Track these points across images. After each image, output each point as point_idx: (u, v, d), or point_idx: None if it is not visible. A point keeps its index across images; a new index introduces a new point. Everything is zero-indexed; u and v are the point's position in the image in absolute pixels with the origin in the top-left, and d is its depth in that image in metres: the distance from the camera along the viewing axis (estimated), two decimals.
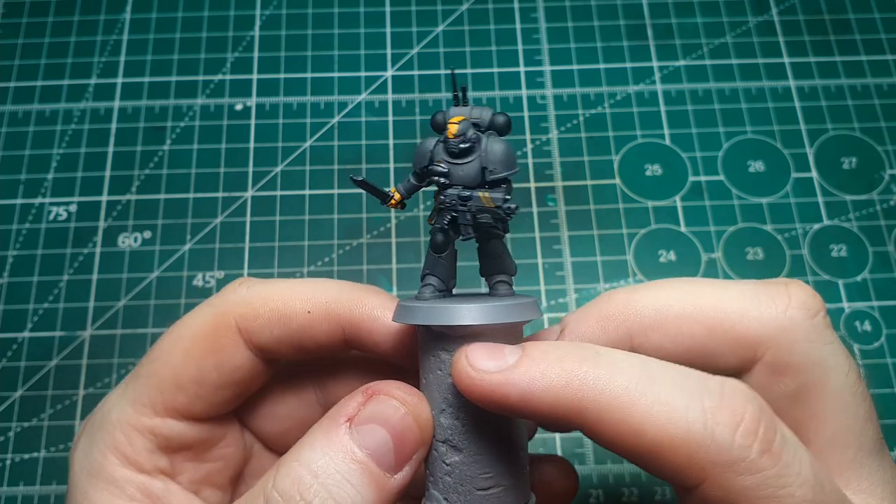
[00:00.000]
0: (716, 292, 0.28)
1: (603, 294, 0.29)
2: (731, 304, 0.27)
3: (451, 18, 0.64)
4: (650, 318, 0.28)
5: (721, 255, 0.56)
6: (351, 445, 0.26)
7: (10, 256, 0.56)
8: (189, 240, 0.56)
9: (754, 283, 0.28)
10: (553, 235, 0.57)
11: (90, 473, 0.29)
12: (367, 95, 0.61)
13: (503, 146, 0.28)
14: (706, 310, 0.27)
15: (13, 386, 0.52)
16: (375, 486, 0.25)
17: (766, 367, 0.27)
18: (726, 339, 0.27)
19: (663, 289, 0.28)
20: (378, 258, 0.56)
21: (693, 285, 0.28)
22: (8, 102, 0.61)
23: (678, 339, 0.27)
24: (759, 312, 0.27)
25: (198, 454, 0.31)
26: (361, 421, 0.26)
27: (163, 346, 0.30)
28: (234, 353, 0.30)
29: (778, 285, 0.28)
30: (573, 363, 0.24)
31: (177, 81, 0.62)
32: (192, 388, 0.30)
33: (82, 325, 0.54)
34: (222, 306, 0.30)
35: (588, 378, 0.24)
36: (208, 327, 0.30)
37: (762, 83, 0.62)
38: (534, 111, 0.61)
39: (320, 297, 0.30)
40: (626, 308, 0.28)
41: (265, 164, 0.59)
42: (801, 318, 0.27)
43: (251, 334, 0.30)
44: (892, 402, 0.52)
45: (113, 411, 0.30)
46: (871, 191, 0.58)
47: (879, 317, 0.54)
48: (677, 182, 0.58)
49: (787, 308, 0.27)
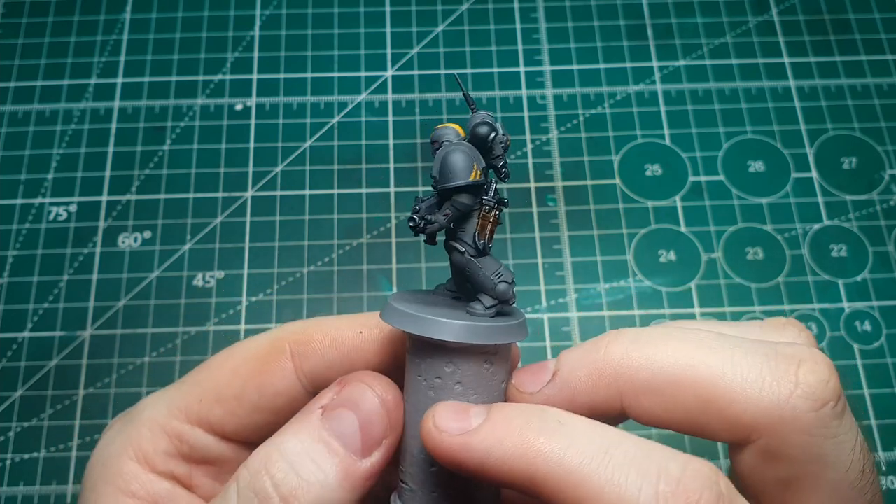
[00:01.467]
0: (717, 362, 0.25)
1: (605, 337, 0.27)
2: (731, 380, 0.25)
3: (451, 18, 0.64)
4: (643, 383, 0.26)
5: (721, 255, 0.56)
6: (320, 429, 0.26)
7: (10, 256, 0.56)
8: (189, 240, 0.56)
9: (764, 354, 0.25)
10: (553, 235, 0.57)
11: (105, 464, 0.30)
12: (367, 95, 0.61)
13: (447, 157, 0.26)
14: (703, 383, 0.25)
15: (13, 386, 0.52)
16: (341, 467, 0.26)
17: (759, 450, 0.25)
18: (720, 418, 0.25)
19: (664, 346, 0.26)
20: (378, 258, 0.56)
21: (696, 348, 0.26)
22: (8, 102, 0.61)
23: (671, 408, 0.25)
24: (758, 396, 0.24)
25: (218, 472, 0.31)
26: (332, 407, 0.27)
27: (214, 361, 0.31)
28: (280, 378, 0.30)
29: (790, 363, 0.25)
30: (532, 433, 0.24)
31: (177, 81, 0.62)
32: (230, 404, 0.30)
33: (82, 325, 0.54)
34: (279, 333, 0.31)
35: (544, 451, 0.23)
36: (261, 349, 0.31)
37: (762, 83, 0.62)
38: (534, 111, 0.61)
39: (372, 321, 0.30)
40: (621, 365, 0.26)
41: (265, 164, 0.59)
42: (804, 408, 0.24)
43: (303, 359, 0.30)
44: (892, 401, 0.52)
45: (147, 409, 0.31)
46: (871, 191, 0.58)
47: (879, 317, 0.54)
48: (677, 182, 0.58)
49: (791, 396, 0.24)
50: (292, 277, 0.55)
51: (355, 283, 0.55)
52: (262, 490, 0.25)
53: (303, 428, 0.27)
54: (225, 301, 0.54)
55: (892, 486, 0.50)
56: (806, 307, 0.54)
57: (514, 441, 0.24)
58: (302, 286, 0.55)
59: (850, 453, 0.25)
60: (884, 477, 0.50)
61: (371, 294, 0.55)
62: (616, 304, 0.54)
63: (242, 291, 0.55)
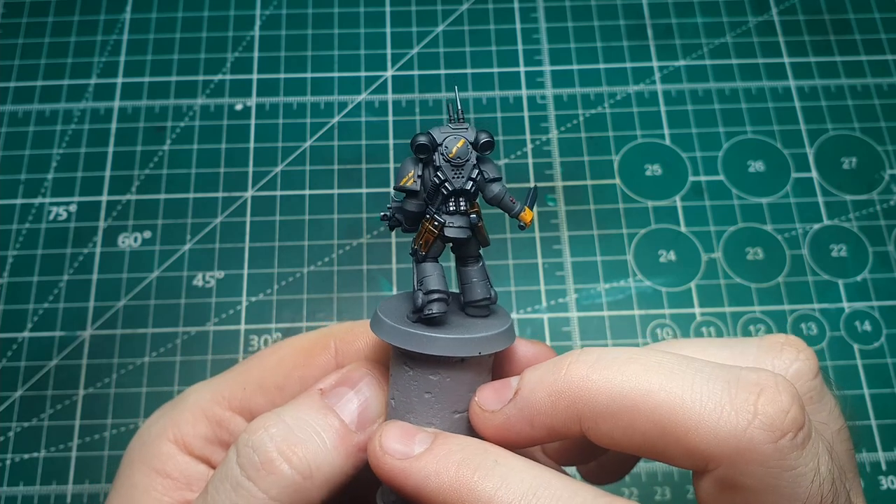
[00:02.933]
0: (676, 388, 0.24)
1: (568, 357, 0.27)
2: (689, 408, 0.24)
3: (451, 18, 0.64)
4: (602, 407, 0.25)
5: (721, 255, 0.56)
6: (319, 401, 0.28)
7: (10, 256, 0.56)
8: (189, 240, 0.56)
9: (726, 381, 0.25)
10: (553, 235, 0.57)
11: (144, 443, 0.31)
12: (367, 95, 0.61)
13: None
14: (661, 411, 0.24)
15: (13, 386, 0.52)
16: (338, 434, 0.27)
17: (717, 479, 0.24)
18: (677, 446, 0.24)
19: (624, 370, 0.25)
20: (378, 258, 0.56)
21: (656, 373, 0.25)
22: (8, 102, 0.61)
23: (628, 434, 0.25)
24: (716, 425, 0.24)
25: None
26: (331, 387, 0.29)
27: (263, 352, 0.32)
28: (322, 372, 0.31)
29: (750, 391, 0.24)
30: (467, 471, 0.24)
31: (177, 81, 0.62)
32: (272, 394, 0.31)
33: (82, 325, 0.54)
34: (327, 330, 0.32)
35: (476, 489, 0.24)
36: (308, 342, 0.32)
37: (762, 83, 0.62)
38: (534, 111, 0.61)
39: None
40: (580, 389, 0.25)
41: (265, 164, 0.59)
42: (762, 439, 0.23)
43: (345, 357, 0.31)
44: (892, 401, 0.52)
45: (192, 395, 0.32)
46: (871, 191, 0.58)
47: (879, 317, 0.54)
48: (677, 182, 0.58)
49: (749, 427, 0.24)
50: (292, 277, 0.55)
51: (355, 283, 0.55)
52: (261, 444, 0.26)
53: (302, 401, 0.28)
54: (225, 301, 0.54)
55: (892, 485, 0.50)
56: (806, 307, 0.54)
57: (451, 476, 0.24)
58: (302, 286, 0.55)
59: (809, 486, 0.24)
60: (884, 477, 0.50)
61: (371, 294, 0.55)
62: (616, 304, 0.54)
63: (242, 291, 0.55)
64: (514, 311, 0.54)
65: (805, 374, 0.28)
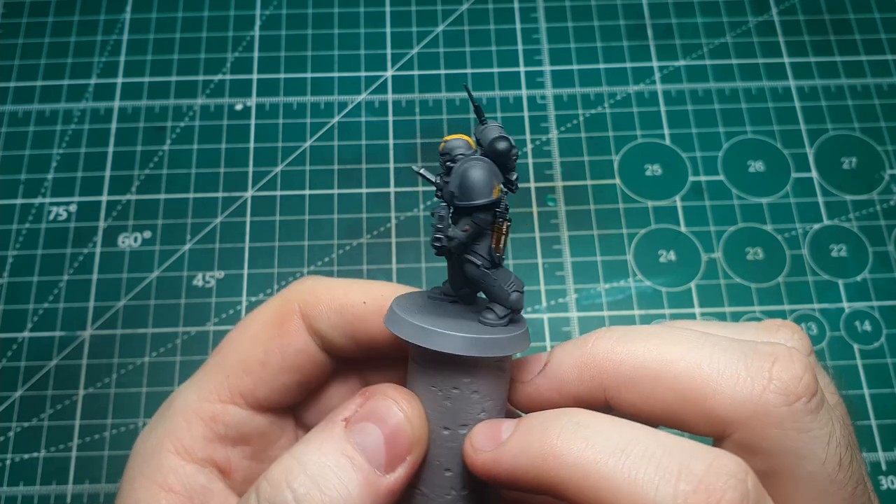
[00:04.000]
0: (695, 358, 0.26)
1: (595, 333, 0.28)
2: (707, 375, 0.26)
3: (451, 18, 0.64)
4: (625, 377, 0.26)
5: (721, 255, 0.56)
6: (343, 442, 0.26)
7: (10, 256, 0.56)
8: (189, 240, 0.56)
9: (742, 351, 0.26)
10: (553, 235, 0.57)
11: (143, 459, 0.30)
12: (367, 95, 0.61)
13: (468, 174, 0.25)
14: (681, 378, 0.26)
15: (13, 386, 0.52)
16: (364, 482, 0.25)
17: (736, 444, 0.26)
18: (697, 412, 0.26)
19: (646, 343, 0.27)
20: (378, 258, 0.56)
21: (676, 345, 0.26)
22: (8, 102, 0.61)
23: (650, 402, 0.26)
24: (733, 391, 0.25)
25: (256, 452, 0.32)
26: (356, 420, 0.27)
27: (231, 336, 0.32)
28: (298, 336, 0.31)
29: (765, 360, 0.26)
30: (551, 438, 0.25)
31: (177, 81, 0.62)
32: (257, 371, 0.30)
33: (82, 325, 0.54)
34: (288, 294, 0.32)
35: (562, 454, 0.24)
36: (275, 313, 0.31)
37: (762, 83, 0.62)
38: (534, 111, 0.61)
39: (376, 292, 0.31)
40: (605, 360, 0.27)
41: (265, 164, 0.59)
42: (777, 403, 0.25)
43: (312, 319, 0.31)
44: (892, 401, 0.52)
45: (177, 399, 0.31)
46: (871, 191, 0.58)
47: (879, 317, 0.54)
48: (677, 182, 0.58)
49: (765, 391, 0.25)
50: (292, 277, 0.55)
51: None
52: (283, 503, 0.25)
53: (325, 440, 0.26)
54: (225, 301, 0.54)
55: (892, 485, 0.50)
56: (806, 307, 0.54)
57: (536, 447, 0.25)
58: None
59: (826, 447, 0.25)
60: (884, 477, 0.50)
61: None
62: (616, 304, 0.54)
63: (242, 291, 0.55)
64: None
65: (802, 351, 0.29)
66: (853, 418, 0.31)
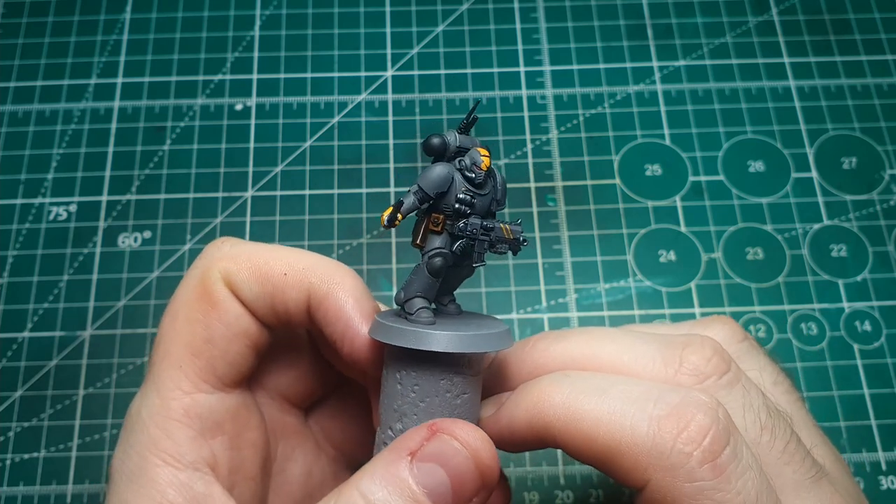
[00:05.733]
0: (617, 348, 0.29)
1: (531, 340, 0.31)
2: (628, 361, 0.29)
3: (451, 18, 0.64)
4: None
5: (721, 255, 0.56)
6: (410, 482, 0.25)
7: (10, 256, 0.56)
8: (189, 240, 0.56)
9: (659, 341, 0.29)
10: (553, 235, 0.57)
11: (130, 479, 0.29)
12: (367, 95, 0.61)
13: (504, 180, 0.30)
14: (610, 362, 0.29)
15: (13, 386, 0.52)
16: None
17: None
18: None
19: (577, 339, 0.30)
20: (378, 258, 0.56)
21: (601, 339, 0.30)
22: (8, 102, 0.61)
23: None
24: (651, 375, 0.28)
25: (232, 439, 0.31)
26: (423, 458, 0.26)
27: (163, 327, 0.31)
28: (230, 304, 0.30)
29: (676, 347, 0.29)
30: (542, 385, 0.28)
31: (177, 81, 0.62)
32: (205, 350, 0.30)
33: (82, 325, 0.54)
34: (207, 263, 0.31)
35: (550, 395, 0.27)
36: (199, 288, 0.31)
37: (762, 83, 0.62)
38: (534, 111, 0.61)
39: (297, 263, 0.31)
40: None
41: (265, 164, 0.59)
42: (688, 383, 0.28)
43: (234, 287, 0.31)
44: (892, 401, 0.52)
45: (142, 410, 0.30)
46: (871, 191, 0.58)
47: (879, 317, 0.54)
48: (677, 182, 0.58)
49: (676, 374, 0.28)
50: None
51: None
52: None
53: (390, 476, 0.26)
54: None
55: (892, 485, 0.50)
56: (806, 307, 0.54)
57: (530, 397, 0.27)
58: None
59: (743, 417, 0.27)
60: (884, 477, 0.50)
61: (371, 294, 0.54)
62: (616, 304, 0.54)
63: None
64: (514, 311, 0.54)
65: (732, 338, 0.32)
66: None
